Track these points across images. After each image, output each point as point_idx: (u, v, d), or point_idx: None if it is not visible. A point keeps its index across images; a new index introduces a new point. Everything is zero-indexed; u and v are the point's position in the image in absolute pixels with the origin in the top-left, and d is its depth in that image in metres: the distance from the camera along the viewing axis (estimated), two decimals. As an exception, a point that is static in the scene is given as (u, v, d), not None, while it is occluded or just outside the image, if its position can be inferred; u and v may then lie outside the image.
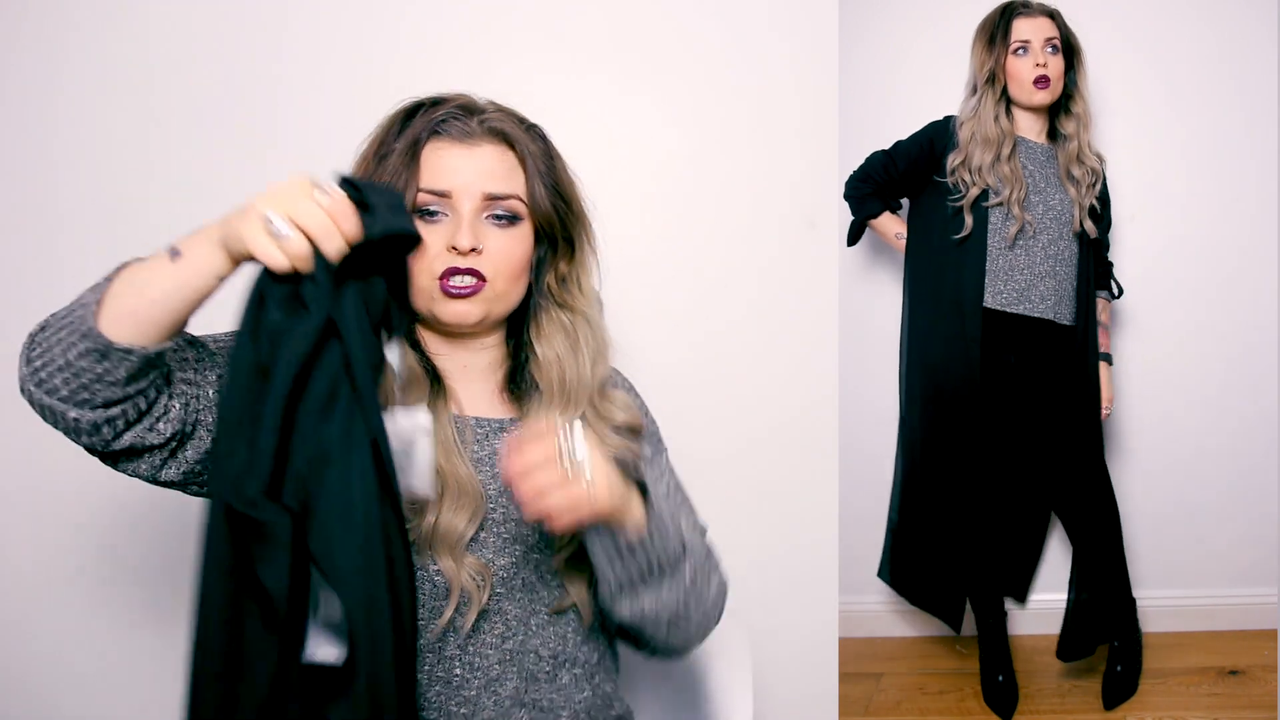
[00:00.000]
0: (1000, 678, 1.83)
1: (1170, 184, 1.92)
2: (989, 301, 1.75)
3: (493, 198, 1.08)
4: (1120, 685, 1.82)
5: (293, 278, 0.83)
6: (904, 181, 1.81)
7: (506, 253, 1.08)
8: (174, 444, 0.97)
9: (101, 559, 1.70)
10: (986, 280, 1.75)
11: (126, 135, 1.65)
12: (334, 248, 0.83)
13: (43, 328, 0.93)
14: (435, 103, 1.11)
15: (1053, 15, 1.75)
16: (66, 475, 1.68)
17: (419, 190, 1.06)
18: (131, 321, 0.88)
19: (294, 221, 0.82)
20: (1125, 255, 1.92)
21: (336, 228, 0.83)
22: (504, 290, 1.09)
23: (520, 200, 1.09)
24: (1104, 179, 1.81)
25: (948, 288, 1.78)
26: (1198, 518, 2.01)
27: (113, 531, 1.69)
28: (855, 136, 1.89)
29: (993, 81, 1.75)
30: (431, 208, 1.07)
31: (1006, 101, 1.76)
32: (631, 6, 1.69)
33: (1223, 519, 2.01)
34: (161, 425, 0.95)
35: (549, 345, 1.12)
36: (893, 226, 1.85)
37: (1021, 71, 1.74)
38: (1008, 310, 1.75)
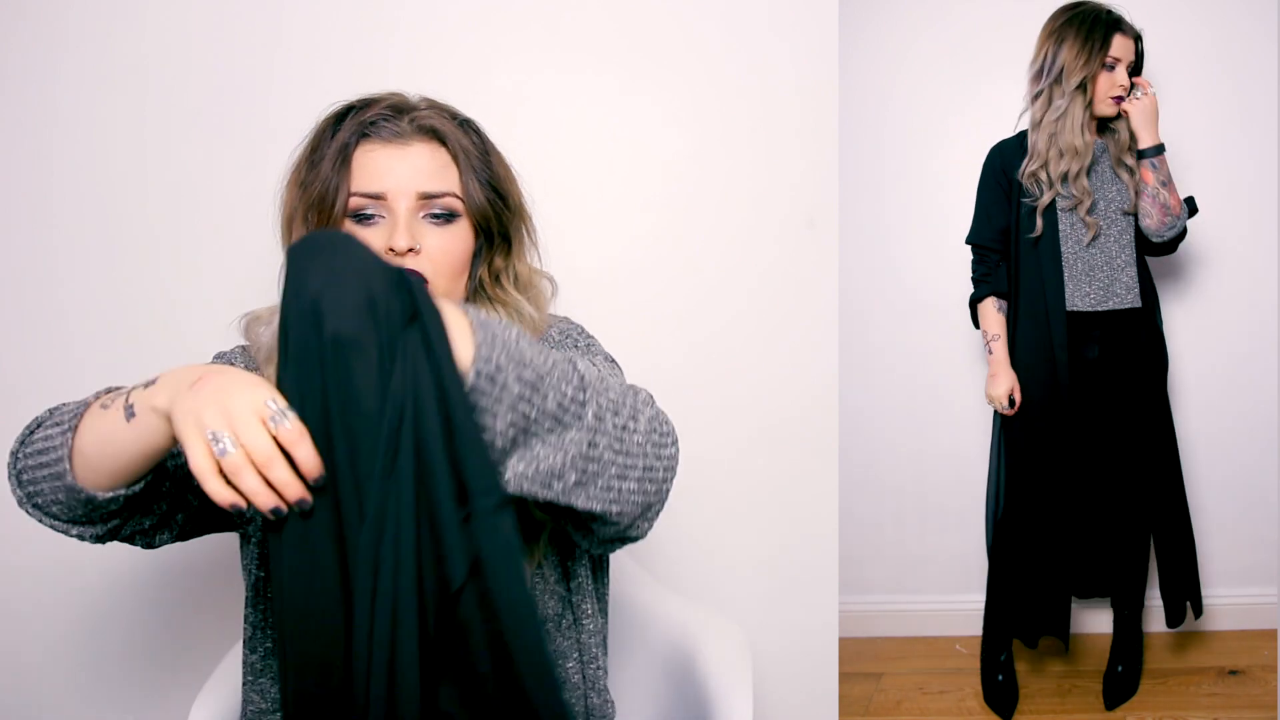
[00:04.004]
0: (1000, 677, 1.83)
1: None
2: (1076, 304, 1.73)
3: (427, 196, 1.07)
4: (1121, 685, 1.82)
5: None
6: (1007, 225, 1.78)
7: (445, 250, 1.07)
8: (165, 515, 1.01)
9: (100, 563, 1.70)
10: (1069, 283, 1.73)
11: (124, 133, 1.65)
12: (278, 477, 0.77)
13: (21, 451, 0.95)
14: (365, 104, 1.10)
15: (1139, 38, 1.73)
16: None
17: (351, 194, 1.06)
18: (106, 474, 0.91)
19: (238, 440, 0.77)
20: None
21: (284, 460, 0.78)
22: (446, 289, 1.08)
23: (456, 197, 1.09)
24: None
25: (1032, 291, 1.74)
26: (1198, 518, 2.01)
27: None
28: (855, 136, 1.90)
29: (1084, 89, 1.70)
30: (367, 211, 1.07)
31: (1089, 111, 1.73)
32: (632, 6, 1.69)
33: (1223, 519, 2.01)
34: (155, 508, 0.99)
35: None
36: (993, 326, 1.77)
37: (1104, 87, 1.71)
38: (1096, 310, 1.73)
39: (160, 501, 1.00)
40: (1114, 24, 1.72)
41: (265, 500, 0.78)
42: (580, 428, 0.87)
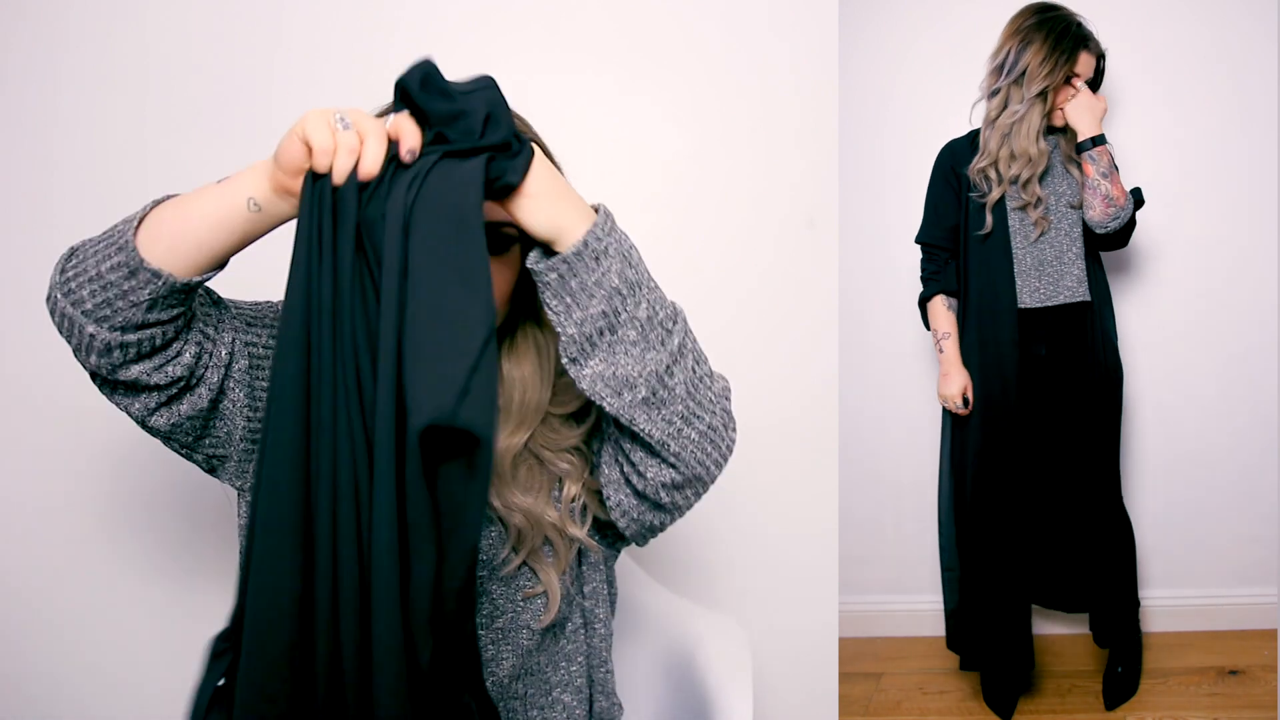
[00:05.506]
0: (1000, 679, 1.83)
1: (1169, 184, 1.92)
2: (1026, 301, 1.73)
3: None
4: (1121, 685, 1.82)
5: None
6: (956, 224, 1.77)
7: (497, 280, 1.06)
8: (174, 391, 0.96)
9: (100, 559, 1.70)
10: (1019, 280, 1.72)
11: (124, 133, 1.65)
12: (375, 154, 0.84)
13: (83, 243, 0.93)
14: None
15: (1102, 56, 1.73)
16: (65, 479, 1.68)
17: None
18: (167, 242, 0.88)
19: (354, 123, 0.84)
20: (1124, 254, 1.92)
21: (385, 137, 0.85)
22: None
23: (512, 227, 1.07)
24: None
25: (981, 289, 1.74)
26: (1198, 518, 2.01)
27: (110, 529, 1.69)
28: (855, 136, 1.90)
29: (1044, 98, 1.69)
30: None
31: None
32: (632, 6, 1.69)
33: (1223, 519, 2.01)
34: (170, 368, 0.94)
35: (517, 365, 1.11)
36: (943, 325, 1.76)
37: (1062, 100, 1.71)
38: (1046, 305, 1.74)
39: (183, 339, 0.95)
40: (1082, 39, 1.70)
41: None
42: (662, 351, 0.94)
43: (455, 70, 1.70)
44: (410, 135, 0.85)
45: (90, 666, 1.71)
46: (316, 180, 0.83)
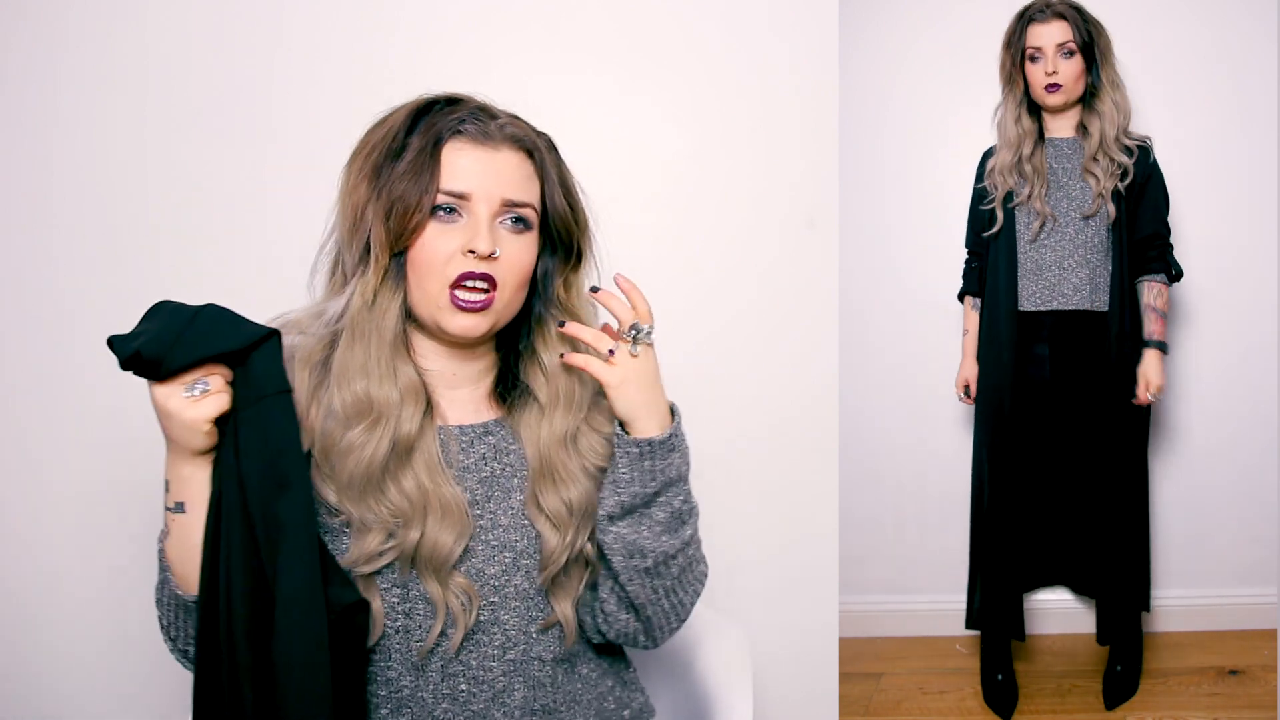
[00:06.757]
0: (1000, 677, 1.83)
1: (1170, 184, 1.92)
2: (1024, 304, 1.77)
3: (511, 204, 1.07)
4: (1120, 685, 1.82)
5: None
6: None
7: (518, 259, 1.07)
8: None
9: (99, 559, 1.70)
10: (1020, 283, 1.77)
11: (124, 133, 1.65)
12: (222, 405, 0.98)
13: (160, 615, 1.10)
14: (451, 101, 1.09)
15: (1067, 17, 1.74)
16: (63, 477, 1.68)
17: (438, 191, 1.04)
18: (193, 571, 1.02)
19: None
20: (1125, 255, 1.93)
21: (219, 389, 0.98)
22: (511, 299, 1.08)
23: (533, 209, 1.09)
24: (1148, 165, 1.77)
25: (991, 290, 1.82)
26: (1198, 518, 2.01)
27: (110, 528, 1.69)
28: (855, 136, 1.90)
29: (1012, 84, 1.78)
30: (448, 206, 1.05)
31: (1029, 102, 1.78)
32: (632, 6, 1.69)
33: (1223, 519, 2.01)
34: None
35: (554, 355, 1.12)
36: (965, 321, 1.89)
37: (1035, 77, 1.75)
38: (1041, 309, 1.77)
39: None
40: (1029, 17, 1.75)
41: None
42: (675, 539, 1.08)
43: (455, 70, 1.70)
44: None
45: (91, 667, 1.71)
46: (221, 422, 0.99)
